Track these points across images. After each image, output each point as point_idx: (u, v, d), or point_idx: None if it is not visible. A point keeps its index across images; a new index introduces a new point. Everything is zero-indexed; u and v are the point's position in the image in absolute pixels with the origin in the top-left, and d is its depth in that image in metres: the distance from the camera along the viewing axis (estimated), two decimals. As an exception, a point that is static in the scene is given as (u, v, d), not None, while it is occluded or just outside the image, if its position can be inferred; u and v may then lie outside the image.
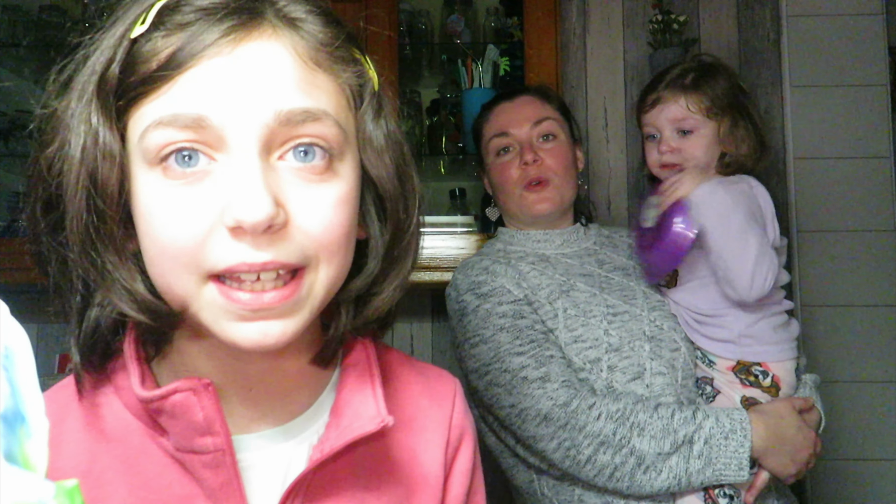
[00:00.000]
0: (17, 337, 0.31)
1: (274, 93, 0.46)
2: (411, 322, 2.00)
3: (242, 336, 0.46)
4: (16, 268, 1.69)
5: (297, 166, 0.47)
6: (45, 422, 0.31)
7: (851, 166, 1.89)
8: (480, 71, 1.80)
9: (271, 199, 0.44)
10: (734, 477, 0.98)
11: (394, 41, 1.75)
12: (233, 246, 0.45)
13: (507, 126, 1.26)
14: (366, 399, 0.54)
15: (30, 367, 0.31)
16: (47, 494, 0.28)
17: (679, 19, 1.89)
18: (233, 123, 0.45)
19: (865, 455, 1.83)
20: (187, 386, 0.48)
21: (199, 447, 0.49)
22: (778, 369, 1.10)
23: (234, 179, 0.45)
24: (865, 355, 1.85)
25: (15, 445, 0.29)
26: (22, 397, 0.30)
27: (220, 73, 0.45)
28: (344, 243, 0.49)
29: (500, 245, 1.28)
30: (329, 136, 0.48)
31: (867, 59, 1.91)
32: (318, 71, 0.48)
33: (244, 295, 0.45)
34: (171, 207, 0.45)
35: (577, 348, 1.10)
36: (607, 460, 1.00)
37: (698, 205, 1.07)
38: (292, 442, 0.55)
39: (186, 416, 0.49)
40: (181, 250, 0.45)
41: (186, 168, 0.45)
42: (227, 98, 0.45)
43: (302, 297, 0.48)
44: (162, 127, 0.44)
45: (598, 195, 1.98)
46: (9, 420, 0.29)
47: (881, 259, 1.87)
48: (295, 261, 0.46)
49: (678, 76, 1.18)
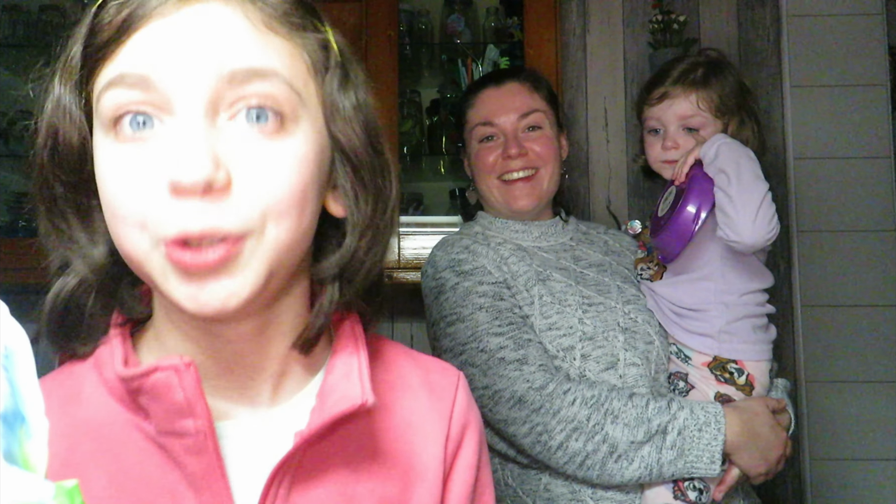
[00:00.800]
0: (17, 337, 0.31)
1: (218, 52, 0.45)
2: (411, 322, 2.00)
3: (187, 297, 0.45)
4: (16, 268, 1.69)
5: (246, 128, 0.46)
6: (45, 422, 0.31)
7: (851, 166, 1.89)
8: (480, 71, 1.80)
9: (210, 159, 0.43)
10: (705, 470, 0.97)
11: (394, 41, 1.75)
12: (175, 210, 0.44)
13: (492, 116, 1.22)
14: (352, 381, 0.52)
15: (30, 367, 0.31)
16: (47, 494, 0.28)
17: (679, 19, 1.89)
18: (177, 83, 0.44)
19: (865, 455, 1.82)
20: (168, 363, 0.46)
21: (180, 429, 0.48)
22: (753, 369, 1.10)
23: (177, 140, 0.44)
24: (865, 355, 1.85)
25: (15, 445, 0.29)
26: (22, 397, 0.30)
27: (164, 33, 0.45)
28: (296, 205, 0.47)
29: (478, 228, 1.26)
30: (279, 97, 0.47)
31: (867, 59, 1.90)
32: (271, 35, 0.48)
33: (186, 255, 0.44)
34: (119, 170, 0.45)
35: (551, 335, 1.09)
36: (579, 447, 0.98)
37: (717, 152, 1.05)
38: (278, 428, 0.52)
39: (167, 396, 0.47)
40: (129, 213, 0.45)
41: (137, 132, 0.45)
42: (171, 57, 0.45)
43: (245, 259, 0.46)
44: (112, 88, 0.45)
45: (597, 195, 1.98)
46: (9, 420, 0.29)
47: (881, 259, 1.86)
48: (238, 229, 0.45)
49: (687, 71, 1.16)
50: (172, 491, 0.49)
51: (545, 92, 1.27)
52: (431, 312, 1.15)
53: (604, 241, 1.30)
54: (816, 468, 1.82)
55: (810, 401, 1.85)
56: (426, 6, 1.96)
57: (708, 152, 1.07)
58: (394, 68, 1.74)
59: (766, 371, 1.13)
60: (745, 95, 1.17)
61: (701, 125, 1.15)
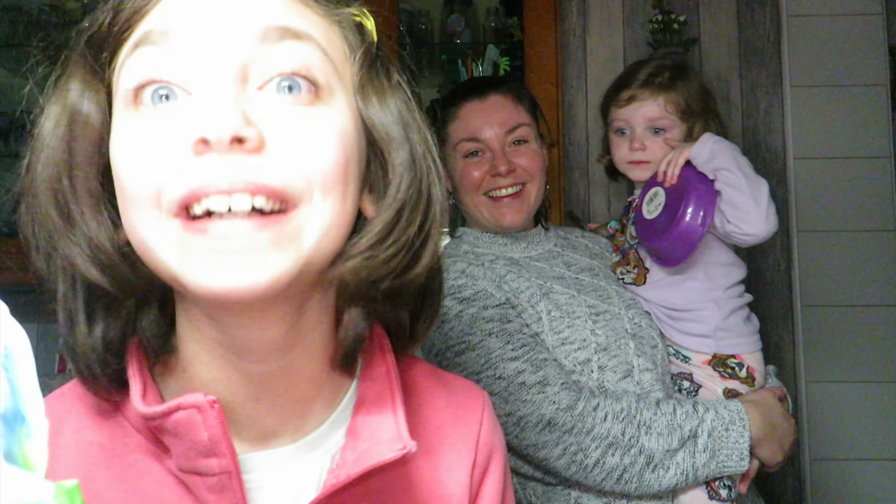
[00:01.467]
0: (17, 337, 0.31)
1: (251, 9, 0.41)
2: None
3: (212, 277, 0.38)
4: (16, 268, 1.69)
5: (277, 97, 0.41)
6: (45, 422, 0.31)
7: (851, 166, 1.89)
8: (480, 71, 1.80)
9: (240, 113, 0.39)
10: (736, 467, 0.98)
11: (394, 41, 1.75)
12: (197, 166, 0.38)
13: (478, 132, 1.18)
14: (385, 419, 0.47)
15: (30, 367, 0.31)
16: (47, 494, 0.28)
17: (679, 19, 1.89)
18: (204, 42, 0.40)
19: (865, 455, 1.82)
20: (191, 402, 0.42)
21: (203, 469, 0.44)
22: (751, 360, 1.12)
23: (203, 102, 0.40)
24: (865, 355, 1.85)
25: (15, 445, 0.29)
26: (22, 397, 0.30)
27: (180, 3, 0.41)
28: (341, 180, 0.42)
29: (466, 247, 1.23)
30: (314, 65, 0.43)
31: (867, 59, 1.91)
32: (307, 9, 0.45)
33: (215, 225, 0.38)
34: (135, 139, 0.41)
35: (565, 350, 1.07)
36: (616, 462, 0.97)
37: (712, 151, 1.07)
38: (304, 461, 0.49)
39: (190, 435, 0.43)
40: (143, 187, 0.40)
41: (158, 104, 0.41)
42: (199, 14, 0.41)
43: (287, 233, 0.40)
44: (136, 49, 0.41)
45: (597, 195, 1.98)
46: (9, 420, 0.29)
47: (881, 259, 1.86)
48: (275, 184, 0.39)
49: (654, 74, 1.19)
50: None
51: (528, 104, 1.25)
52: (434, 342, 1.11)
53: (584, 245, 1.30)
54: (816, 468, 1.82)
55: (810, 401, 1.85)
56: (426, 6, 1.96)
57: (702, 152, 1.08)
58: (394, 68, 1.74)
59: (761, 360, 1.15)
60: (707, 99, 1.21)
61: (668, 127, 1.17)
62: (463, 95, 1.23)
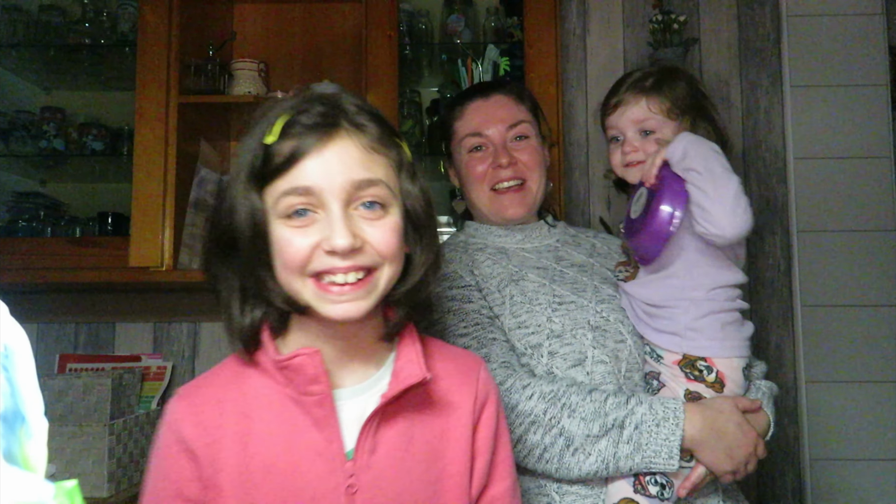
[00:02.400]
0: (17, 337, 0.31)
1: (347, 171, 0.76)
2: (411, 322, 2.00)
3: (335, 312, 0.76)
4: (16, 268, 1.69)
5: (365, 212, 0.77)
6: (45, 422, 0.31)
7: (851, 166, 1.89)
8: (480, 71, 1.80)
9: (350, 234, 0.75)
10: (664, 465, 0.98)
11: (394, 41, 1.75)
12: (330, 260, 0.75)
13: (481, 127, 1.27)
14: (413, 366, 0.82)
15: (30, 367, 0.31)
16: (47, 494, 0.28)
17: (679, 19, 1.89)
18: (326, 190, 0.75)
19: (865, 455, 1.83)
20: (304, 352, 0.78)
21: (311, 391, 0.78)
22: (723, 366, 1.10)
23: (329, 222, 0.75)
24: (865, 355, 1.85)
25: (15, 445, 0.29)
26: (22, 397, 0.30)
27: (316, 162, 0.76)
28: (396, 255, 0.79)
29: (462, 237, 1.31)
30: (382, 195, 0.78)
31: (867, 59, 1.91)
32: (375, 154, 0.78)
33: (335, 287, 0.76)
34: (289, 240, 0.76)
35: (519, 334, 1.12)
36: (537, 440, 1.00)
37: (684, 151, 1.08)
38: (367, 394, 0.82)
39: (303, 370, 0.78)
40: (295, 263, 0.76)
41: (299, 219, 0.76)
42: (323, 177, 0.76)
43: (371, 287, 0.78)
44: (288, 195, 0.76)
45: (597, 195, 1.98)
46: (9, 420, 0.29)
47: (881, 259, 1.87)
48: (367, 264, 0.77)
49: (639, 80, 1.22)
50: (302, 427, 0.79)
51: (529, 104, 1.32)
52: None
53: (591, 244, 1.32)
54: (816, 468, 1.83)
55: (810, 401, 1.85)
56: (426, 6, 1.96)
57: (675, 152, 1.09)
58: (394, 68, 1.74)
59: (738, 368, 1.12)
60: (699, 98, 1.21)
61: (655, 127, 1.19)
62: (468, 96, 1.33)
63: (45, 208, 1.91)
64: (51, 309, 1.98)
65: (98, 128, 1.88)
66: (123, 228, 1.77)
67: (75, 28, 1.88)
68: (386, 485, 0.79)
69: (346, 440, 0.79)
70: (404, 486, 0.80)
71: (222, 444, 0.78)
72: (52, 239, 1.84)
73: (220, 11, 1.98)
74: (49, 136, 1.87)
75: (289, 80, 1.94)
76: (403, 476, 0.80)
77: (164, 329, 2.01)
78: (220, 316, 0.83)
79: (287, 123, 0.77)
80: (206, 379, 0.84)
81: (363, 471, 0.78)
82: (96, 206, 1.93)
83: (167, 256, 1.66)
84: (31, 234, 1.84)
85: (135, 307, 2.01)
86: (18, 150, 1.87)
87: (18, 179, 1.98)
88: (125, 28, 1.87)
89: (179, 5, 1.71)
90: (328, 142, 0.76)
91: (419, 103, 1.97)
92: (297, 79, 1.95)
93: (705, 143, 1.10)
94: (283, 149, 0.76)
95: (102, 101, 2.01)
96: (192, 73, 1.74)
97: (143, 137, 1.68)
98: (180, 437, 0.78)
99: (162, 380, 1.93)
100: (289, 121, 0.77)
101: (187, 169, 1.73)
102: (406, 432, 0.81)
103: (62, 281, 1.74)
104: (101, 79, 1.97)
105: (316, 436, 0.78)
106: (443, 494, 0.82)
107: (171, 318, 2.01)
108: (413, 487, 0.81)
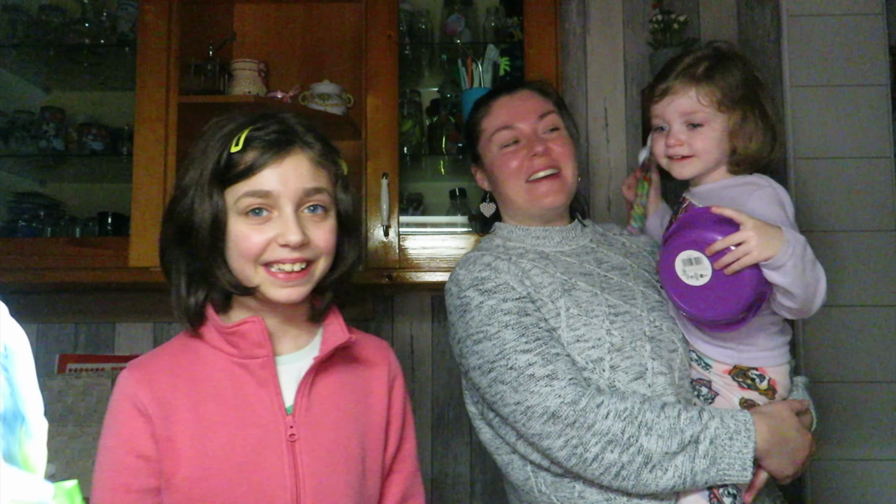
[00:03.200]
0: (16, 337, 0.31)
1: (301, 179, 0.93)
2: (411, 322, 2.00)
3: (281, 295, 0.93)
4: (16, 268, 1.69)
5: (310, 215, 0.94)
6: (45, 422, 0.31)
7: (851, 166, 1.89)
8: (480, 71, 1.79)
9: (301, 231, 0.91)
10: (738, 477, 0.99)
11: (394, 41, 1.75)
12: (280, 251, 0.92)
13: (512, 119, 1.24)
14: (339, 331, 1.00)
15: (29, 367, 0.31)
16: (47, 494, 0.28)
17: (679, 19, 1.89)
18: (282, 195, 0.92)
19: (865, 455, 1.83)
20: (250, 320, 0.94)
21: (255, 354, 0.94)
22: (774, 373, 1.10)
23: (283, 222, 0.92)
24: (865, 355, 1.85)
25: (15, 445, 0.29)
26: (22, 397, 0.30)
27: (275, 171, 0.92)
28: (332, 251, 0.98)
29: (498, 241, 1.27)
30: (325, 200, 0.96)
31: (867, 59, 1.91)
32: (320, 167, 0.96)
33: (282, 274, 0.93)
34: (247, 235, 0.92)
35: (579, 348, 1.10)
36: (614, 458, 1.00)
37: (784, 272, 0.97)
38: (301, 362, 0.98)
39: (249, 336, 0.93)
40: (251, 253, 0.92)
41: (256, 217, 0.92)
42: (279, 184, 0.92)
43: (310, 276, 0.95)
44: (247, 197, 0.91)
45: (598, 195, 1.98)
46: (8, 420, 0.29)
47: (881, 259, 1.87)
48: (309, 257, 0.94)
49: (690, 65, 1.13)
50: (247, 387, 0.94)
51: (554, 98, 1.31)
52: (457, 330, 1.17)
53: (621, 243, 1.30)
54: (816, 468, 1.82)
55: (810, 401, 1.85)
56: (426, 6, 1.96)
57: (776, 265, 0.97)
58: (394, 68, 1.74)
59: (787, 373, 1.12)
60: (752, 87, 1.13)
61: (704, 120, 1.11)
62: (493, 95, 1.32)
63: (45, 208, 1.91)
64: (51, 309, 1.98)
65: (98, 128, 1.88)
66: (123, 228, 1.77)
67: (75, 28, 1.88)
68: (321, 434, 0.94)
69: (286, 397, 0.95)
70: (337, 434, 0.96)
71: (174, 405, 0.91)
72: (51, 239, 1.83)
73: (220, 11, 1.98)
74: (49, 136, 1.87)
75: (289, 80, 1.93)
76: (336, 426, 0.96)
77: (164, 329, 2.01)
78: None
79: (247, 137, 0.91)
80: (155, 353, 0.99)
81: (301, 423, 0.93)
82: (96, 206, 1.93)
83: (167, 256, 1.66)
84: (30, 234, 1.84)
85: (135, 307, 2.01)
86: (18, 150, 1.87)
87: (18, 179, 1.98)
88: (125, 28, 1.87)
89: (179, 5, 1.71)
90: (285, 156, 0.92)
91: (419, 103, 1.97)
92: (297, 79, 1.95)
93: (802, 252, 0.98)
94: (246, 158, 0.90)
95: (102, 101, 2.01)
96: (192, 73, 1.74)
97: (143, 137, 1.68)
98: (134, 401, 0.90)
99: (162, 380, 1.93)
100: (248, 135, 0.91)
101: (187, 169, 1.73)
102: (337, 390, 0.98)
103: (62, 281, 1.73)
104: (101, 79, 1.97)
105: (261, 392, 0.93)
106: (368, 443, 1.00)
107: (171, 318, 1.97)
108: (344, 435, 0.97)
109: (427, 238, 1.72)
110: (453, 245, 1.71)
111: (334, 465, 0.95)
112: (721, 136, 1.12)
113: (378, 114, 1.73)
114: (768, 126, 1.12)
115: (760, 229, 0.97)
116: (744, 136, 1.12)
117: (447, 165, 1.96)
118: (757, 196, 1.08)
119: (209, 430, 0.90)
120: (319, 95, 1.83)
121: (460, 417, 1.95)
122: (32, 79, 2.00)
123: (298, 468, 0.92)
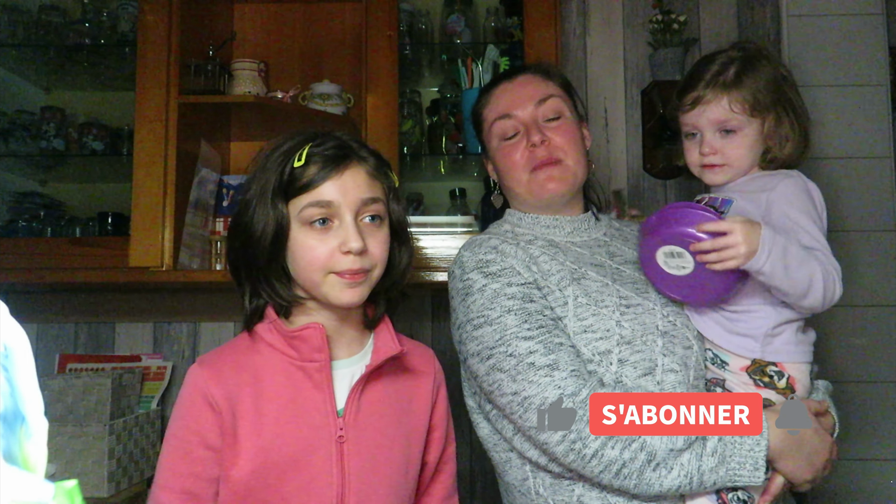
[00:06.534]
0: (17, 337, 0.31)
1: (359, 190, 0.98)
2: (411, 322, 2.00)
3: (345, 296, 0.97)
4: (16, 268, 1.69)
5: (367, 224, 0.99)
6: (45, 422, 0.31)
7: (851, 166, 1.89)
8: (480, 71, 1.79)
9: (361, 239, 0.96)
10: (749, 478, 0.93)
11: (394, 41, 1.75)
12: (345, 259, 0.96)
13: (509, 107, 1.19)
14: (389, 342, 1.04)
15: (30, 367, 0.31)
16: (47, 495, 0.28)
17: (679, 19, 1.89)
18: (342, 205, 0.97)
19: (866, 455, 1.82)
20: (311, 326, 0.98)
21: (313, 359, 0.99)
22: (794, 370, 1.06)
23: (344, 230, 0.96)
24: (866, 355, 1.85)
25: (15, 445, 0.29)
26: (22, 397, 0.30)
27: (335, 183, 0.97)
28: (385, 259, 1.02)
29: (507, 227, 1.22)
30: (381, 210, 1.01)
31: (867, 59, 1.91)
32: (375, 179, 1.01)
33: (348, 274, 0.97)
34: (313, 246, 0.97)
35: (586, 338, 1.04)
36: (615, 455, 0.94)
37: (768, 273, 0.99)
38: (354, 367, 1.03)
39: (310, 341, 0.98)
40: (318, 264, 0.97)
41: (320, 227, 0.97)
42: (339, 194, 0.97)
43: (368, 281, 1.00)
44: (310, 207, 0.96)
45: (598, 195, 1.97)
46: (8, 420, 0.29)
47: (881, 259, 1.87)
48: (367, 266, 0.98)
49: (719, 72, 1.11)
50: (304, 388, 0.99)
51: (559, 80, 1.24)
52: (458, 314, 1.12)
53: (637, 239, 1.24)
54: (816, 468, 1.82)
55: (810, 401, 1.85)
56: (426, 6, 1.96)
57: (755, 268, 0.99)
58: (394, 68, 1.74)
59: (807, 372, 1.09)
60: (782, 87, 1.12)
61: (737, 127, 1.10)
62: (494, 82, 1.28)
63: (45, 208, 1.91)
64: (51, 309, 1.98)
65: (98, 128, 1.88)
66: (123, 228, 1.77)
67: (75, 28, 1.88)
68: (367, 436, 1.00)
69: (338, 401, 1.00)
70: (382, 438, 1.02)
71: (240, 399, 0.96)
72: (51, 239, 1.83)
73: (220, 11, 1.98)
74: (49, 136, 1.87)
75: (289, 80, 1.94)
76: (382, 431, 1.02)
77: (164, 329, 2.01)
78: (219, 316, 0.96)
79: (308, 153, 0.98)
80: (223, 350, 1.05)
81: (350, 425, 0.99)
82: (96, 206, 1.93)
83: (167, 256, 1.66)
84: (30, 234, 1.84)
85: (135, 307, 2.01)
86: (18, 150, 1.87)
87: (18, 179, 1.98)
88: (125, 28, 1.87)
89: (179, 5, 1.71)
90: (344, 169, 0.98)
91: (419, 103, 1.97)
92: (297, 79, 1.95)
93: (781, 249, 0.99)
94: (308, 172, 0.97)
95: (102, 101, 2.01)
96: (192, 73, 1.73)
97: (143, 137, 1.68)
98: (205, 394, 0.95)
99: (162, 380, 1.93)
100: (309, 151, 0.98)
101: (187, 169, 1.73)
102: (384, 397, 1.04)
103: (62, 281, 1.73)
104: (101, 79, 1.97)
105: (316, 395, 0.99)
106: (410, 447, 1.06)
107: (171, 318, 2.01)
108: (388, 439, 1.02)
109: (427, 238, 1.72)
110: (453, 245, 1.71)
111: (378, 466, 1.00)
112: (754, 141, 1.11)
113: (378, 114, 1.73)
114: (802, 127, 1.12)
115: (747, 233, 0.97)
116: (778, 138, 1.11)
117: (447, 165, 1.97)
118: (787, 182, 1.09)
119: (267, 427, 0.96)
120: (319, 95, 1.83)
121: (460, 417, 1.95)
122: (32, 79, 2.00)
123: (345, 468, 0.97)
